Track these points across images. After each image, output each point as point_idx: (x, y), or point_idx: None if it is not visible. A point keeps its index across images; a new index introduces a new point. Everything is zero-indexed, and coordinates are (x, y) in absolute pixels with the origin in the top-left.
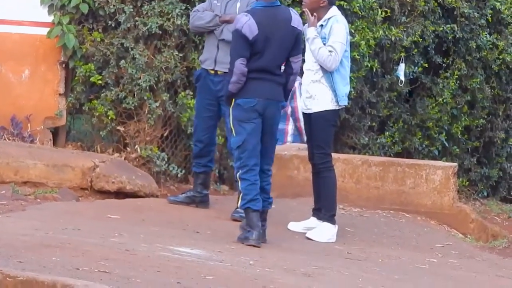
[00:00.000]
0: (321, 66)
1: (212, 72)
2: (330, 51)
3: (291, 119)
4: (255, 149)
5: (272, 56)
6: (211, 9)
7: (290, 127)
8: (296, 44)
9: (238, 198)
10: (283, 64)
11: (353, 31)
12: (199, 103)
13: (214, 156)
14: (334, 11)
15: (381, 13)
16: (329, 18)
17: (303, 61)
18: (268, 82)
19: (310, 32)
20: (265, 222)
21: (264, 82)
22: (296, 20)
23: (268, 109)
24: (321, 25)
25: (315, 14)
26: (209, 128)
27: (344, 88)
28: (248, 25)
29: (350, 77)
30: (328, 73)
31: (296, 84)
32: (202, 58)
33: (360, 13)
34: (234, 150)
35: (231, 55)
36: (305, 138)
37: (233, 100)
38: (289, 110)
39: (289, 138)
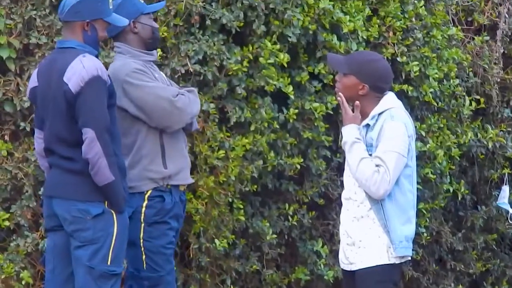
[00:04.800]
0: (366, 193)
1: (183, 188)
2: (377, 166)
3: None
4: (50, 281)
5: (49, 126)
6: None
7: None
8: (78, 110)
9: None
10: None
11: (423, 133)
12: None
13: None
14: (388, 102)
15: (470, 102)
16: (380, 114)
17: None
18: (54, 170)
19: (346, 133)
20: None
21: (51, 171)
22: (71, 71)
23: (59, 212)
24: (367, 125)
25: (357, 103)
26: None
27: (404, 228)
28: (32, 78)
29: (418, 210)
30: (378, 203)
31: None
32: (171, 171)
33: (436, 104)
34: None
35: None
36: None
37: None
38: None
39: None
